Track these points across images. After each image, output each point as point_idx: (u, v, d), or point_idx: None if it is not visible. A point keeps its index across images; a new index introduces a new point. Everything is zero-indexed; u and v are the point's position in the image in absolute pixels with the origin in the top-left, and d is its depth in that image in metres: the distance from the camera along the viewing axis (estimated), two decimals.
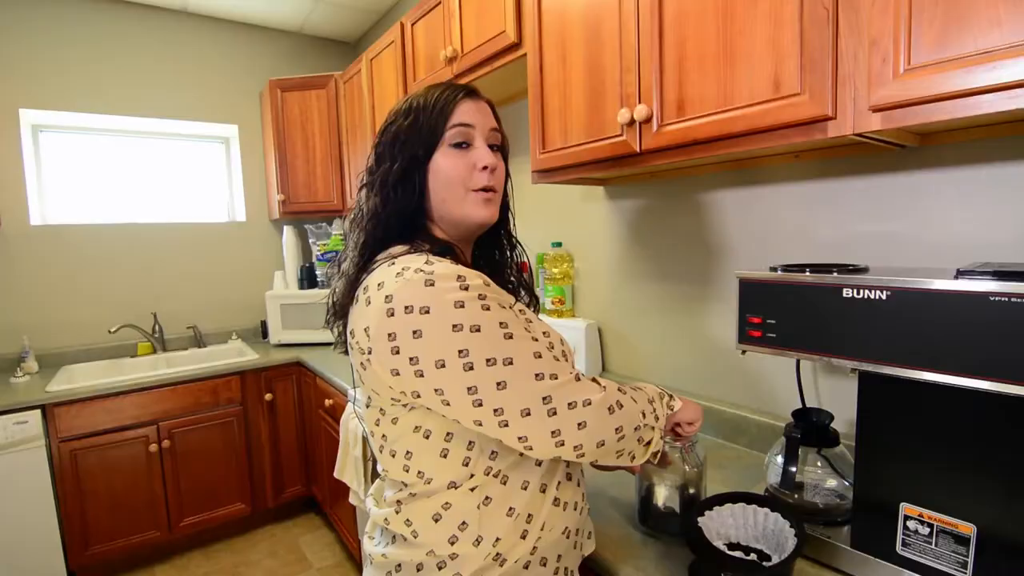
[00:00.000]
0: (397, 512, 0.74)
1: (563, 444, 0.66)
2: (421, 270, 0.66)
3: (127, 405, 2.18)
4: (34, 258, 2.47)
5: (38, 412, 2.00)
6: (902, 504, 0.72)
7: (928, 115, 0.69)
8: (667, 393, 0.83)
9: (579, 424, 0.66)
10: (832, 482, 0.87)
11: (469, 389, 0.64)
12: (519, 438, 0.66)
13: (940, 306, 0.65)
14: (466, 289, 0.65)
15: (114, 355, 2.63)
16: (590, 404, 0.66)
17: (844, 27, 0.76)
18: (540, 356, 0.66)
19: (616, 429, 0.69)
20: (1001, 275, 0.62)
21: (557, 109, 1.29)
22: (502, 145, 0.83)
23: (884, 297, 0.70)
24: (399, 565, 0.73)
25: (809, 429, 0.87)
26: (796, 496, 0.87)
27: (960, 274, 0.66)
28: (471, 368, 0.63)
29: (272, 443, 2.56)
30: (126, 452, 2.19)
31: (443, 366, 0.64)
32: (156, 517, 2.27)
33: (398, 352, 0.65)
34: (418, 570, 0.72)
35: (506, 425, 0.65)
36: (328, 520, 2.54)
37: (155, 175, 2.89)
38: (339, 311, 0.78)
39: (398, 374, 0.67)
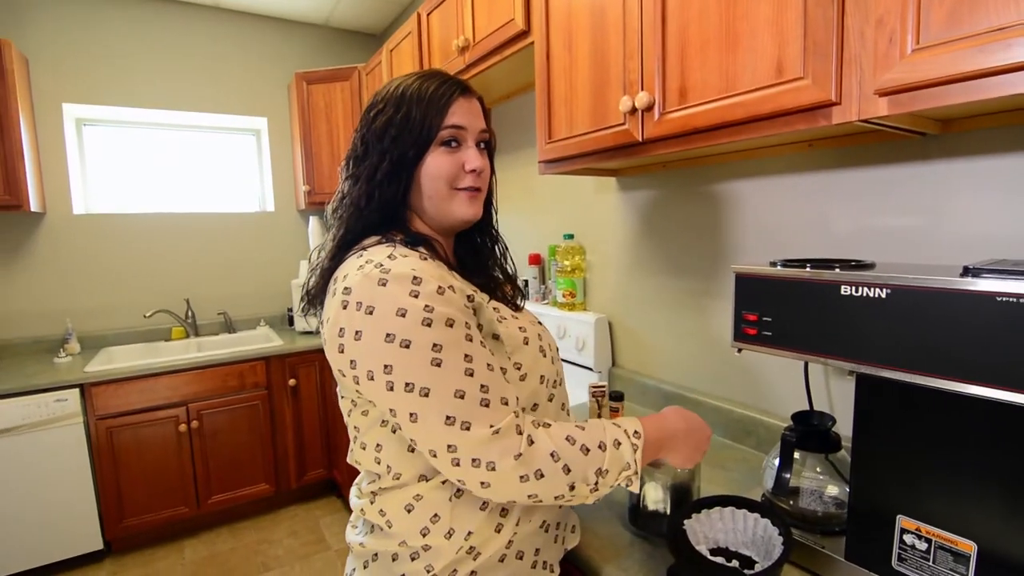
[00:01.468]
0: (372, 503, 0.75)
1: (472, 491, 0.65)
2: (380, 265, 0.65)
3: (159, 386, 2.29)
4: (77, 245, 2.61)
5: (77, 391, 2.11)
6: (899, 516, 0.67)
7: (938, 99, 0.64)
8: (638, 469, 0.68)
9: (482, 483, 0.62)
10: (833, 489, 0.83)
11: (391, 410, 0.65)
12: (436, 469, 0.66)
13: (943, 306, 0.60)
14: (415, 296, 0.63)
15: (150, 339, 2.76)
16: (495, 469, 0.61)
17: (850, 3, 0.71)
18: (462, 396, 0.62)
19: (529, 495, 0.63)
20: (1009, 273, 0.56)
21: (563, 98, 1.26)
22: (489, 142, 0.82)
23: (884, 295, 0.65)
24: (375, 555, 0.74)
25: (808, 432, 0.83)
26: (792, 503, 0.83)
27: (967, 271, 0.61)
28: (391, 388, 0.63)
29: (295, 427, 2.64)
30: (158, 431, 2.30)
31: (372, 379, 0.64)
32: (185, 494, 2.38)
33: (343, 351, 0.66)
34: (393, 560, 0.72)
35: (423, 456, 0.65)
36: (347, 503, 2.60)
37: (190, 166, 3.00)
38: (312, 300, 0.78)
39: (343, 376, 0.68)
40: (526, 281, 2.00)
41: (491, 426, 0.62)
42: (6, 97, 2.17)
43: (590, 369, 1.61)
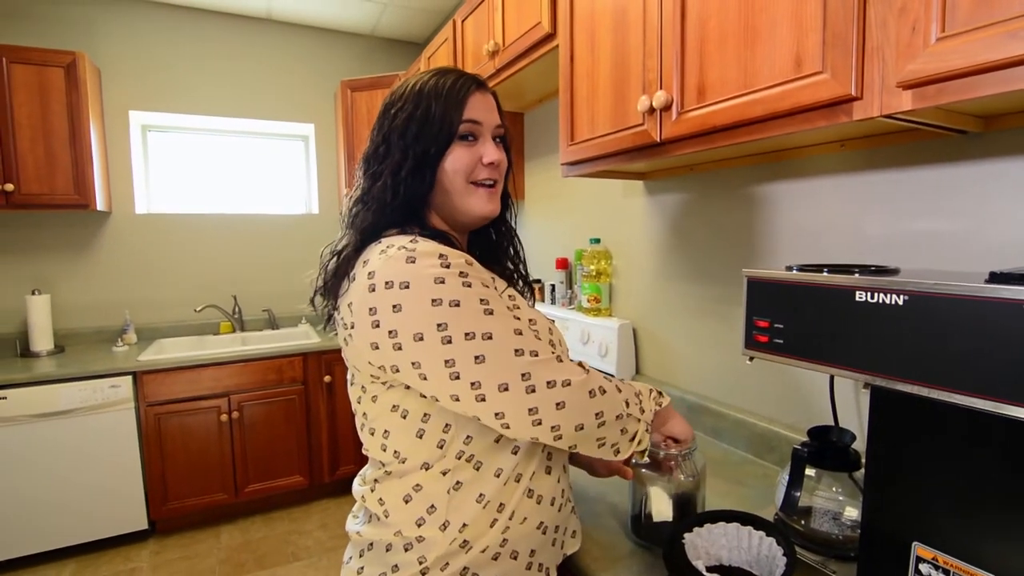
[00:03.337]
0: (372, 491, 0.76)
1: (540, 423, 0.65)
2: (404, 247, 0.67)
3: (204, 377, 2.41)
4: (137, 243, 2.79)
5: (130, 378, 2.26)
6: (914, 544, 0.62)
7: (966, 91, 0.59)
8: (657, 391, 0.81)
9: (558, 404, 0.65)
10: (853, 511, 0.77)
11: (447, 362, 0.64)
12: (496, 414, 0.65)
13: (966, 315, 0.55)
14: (447, 267, 0.66)
15: (200, 332, 2.92)
16: (570, 384, 0.66)
17: None
18: (521, 333, 0.66)
19: (596, 414, 0.67)
20: None
21: (585, 99, 1.25)
22: (504, 137, 0.83)
23: (901, 302, 0.61)
24: (371, 544, 0.75)
25: (823, 449, 0.78)
26: (803, 522, 0.78)
27: (993, 277, 0.56)
28: (449, 341, 0.64)
29: (330, 422, 2.72)
30: (201, 420, 2.42)
31: (421, 339, 0.64)
32: (224, 482, 2.49)
33: (378, 326, 0.66)
34: (387, 550, 0.72)
35: (483, 400, 0.64)
36: None
37: (243, 170, 3.17)
38: (329, 289, 0.78)
39: (377, 348, 0.67)
40: (553, 286, 1.98)
41: (553, 352, 0.68)
42: (79, 105, 2.36)
43: (612, 376, 1.58)
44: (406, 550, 0.71)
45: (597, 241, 1.70)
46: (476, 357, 0.64)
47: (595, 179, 1.69)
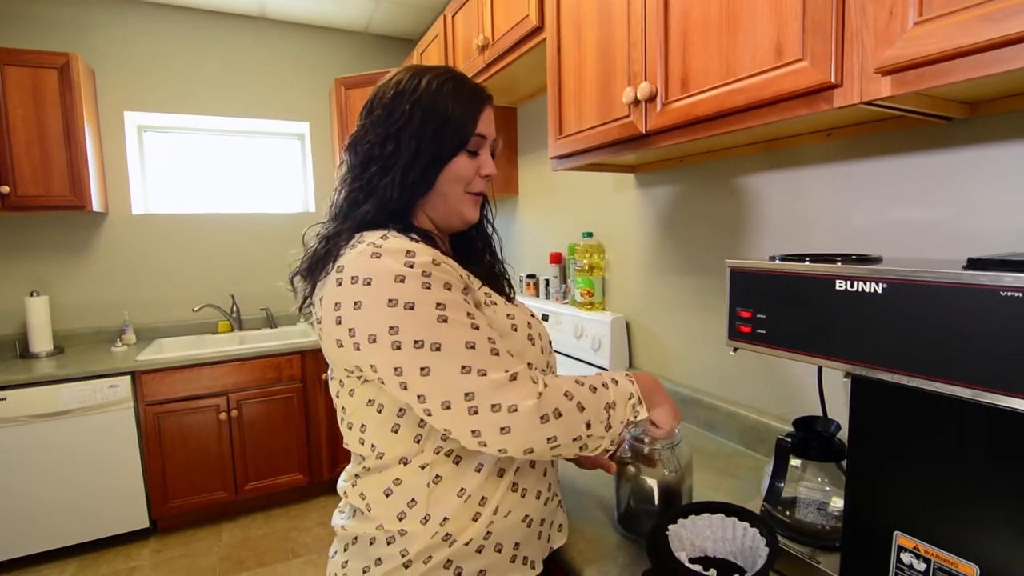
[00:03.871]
0: (354, 485, 0.76)
1: (486, 445, 0.64)
2: (373, 243, 0.67)
3: (202, 376, 2.42)
4: (135, 243, 2.80)
5: (128, 378, 2.27)
6: (896, 533, 0.61)
7: (944, 75, 0.58)
8: (640, 397, 0.75)
9: (502, 429, 0.62)
10: (839, 502, 0.77)
11: (396, 369, 0.64)
12: (444, 429, 0.65)
13: (944, 302, 0.55)
14: (411, 266, 0.65)
15: (199, 331, 2.92)
16: (516, 411, 0.62)
17: None
18: (473, 347, 0.63)
19: (549, 439, 0.65)
20: (1016, 265, 0.50)
21: (572, 92, 1.24)
22: (494, 149, 0.85)
23: (880, 291, 0.60)
24: (355, 538, 0.75)
25: (809, 439, 0.77)
26: (788, 513, 0.77)
27: (971, 264, 0.55)
28: (398, 347, 0.63)
29: (328, 420, 2.72)
30: (200, 418, 2.43)
31: (374, 341, 0.64)
32: (224, 480, 2.50)
33: (340, 322, 0.66)
34: (370, 544, 0.73)
35: (430, 414, 0.64)
36: None
37: (239, 169, 3.17)
38: (310, 271, 0.74)
39: (341, 345, 0.68)
40: (547, 280, 1.98)
41: (506, 371, 0.64)
42: (73, 107, 2.36)
43: (605, 370, 1.58)
44: (388, 543, 0.71)
45: (590, 235, 1.70)
46: (422, 368, 0.63)
47: (586, 172, 1.68)
